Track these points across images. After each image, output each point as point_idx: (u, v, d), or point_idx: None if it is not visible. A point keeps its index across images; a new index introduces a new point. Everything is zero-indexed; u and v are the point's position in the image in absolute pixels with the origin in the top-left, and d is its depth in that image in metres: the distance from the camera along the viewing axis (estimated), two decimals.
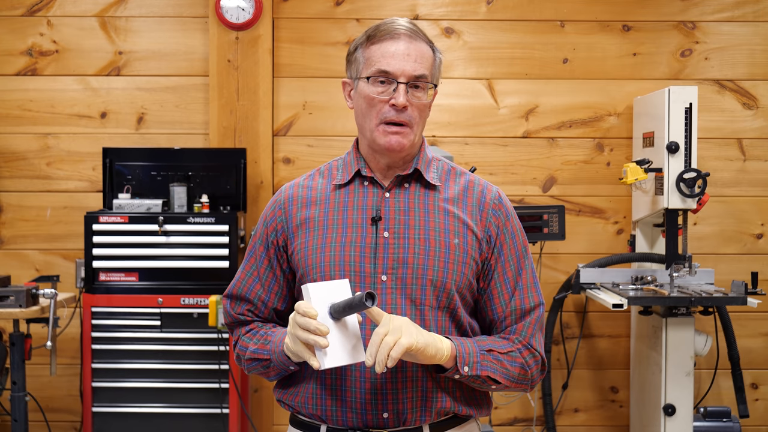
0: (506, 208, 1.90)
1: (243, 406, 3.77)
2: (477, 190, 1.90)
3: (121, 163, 3.98)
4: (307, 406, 1.85)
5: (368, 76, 1.83)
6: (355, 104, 1.90)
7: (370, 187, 1.89)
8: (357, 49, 1.89)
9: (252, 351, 1.89)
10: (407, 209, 1.85)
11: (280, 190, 1.97)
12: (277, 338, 1.83)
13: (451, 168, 1.94)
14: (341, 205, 1.88)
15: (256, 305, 1.94)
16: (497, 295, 1.87)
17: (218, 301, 3.43)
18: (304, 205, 1.90)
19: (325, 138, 4.21)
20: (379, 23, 1.87)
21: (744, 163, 4.23)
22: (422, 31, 1.86)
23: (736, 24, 4.22)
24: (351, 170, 1.92)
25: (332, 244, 1.83)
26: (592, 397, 4.28)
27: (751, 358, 4.21)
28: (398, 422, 1.80)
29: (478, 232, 1.85)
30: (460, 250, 1.83)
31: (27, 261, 4.23)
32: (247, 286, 1.94)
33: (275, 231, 1.91)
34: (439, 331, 1.81)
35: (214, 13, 4.11)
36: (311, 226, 1.87)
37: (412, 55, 1.82)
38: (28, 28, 4.20)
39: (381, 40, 1.84)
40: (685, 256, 3.67)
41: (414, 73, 1.81)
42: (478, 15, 4.20)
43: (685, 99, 3.67)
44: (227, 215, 3.78)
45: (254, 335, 1.91)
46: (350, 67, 1.92)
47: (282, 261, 1.91)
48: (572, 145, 4.24)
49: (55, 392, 4.22)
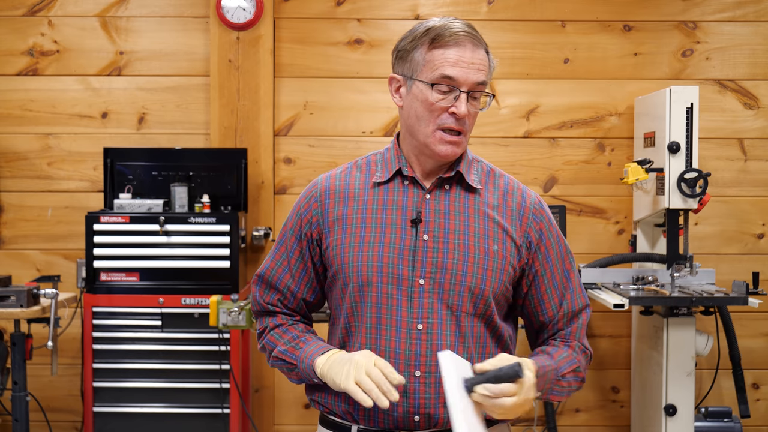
0: (547, 213, 1.90)
1: (244, 406, 3.77)
2: (517, 195, 1.88)
3: (122, 163, 3.98)
4: (339, 405, 1.84)
5: (432, 83, 1.79)
6: (407, 104, 1.85)
7: (410, 187, 1.85)
8: (416, 49, 1.82)
9: (280, 351, 1.89)
10: (447, 212, 1.83)
11: (315, 181, 1.94)
12: (310, 351, 1.83)
13: (490, 169, 1.92)
14: (380, 203, 1.85)
15: (285, 295, 1.93)
16: (548, 300, 1.88)
17: (219, 301, 3.43)
18: (342, 200, 1.87)
19: (326, 138, 4.21)
20: (439, 24, 1.82)
21: (745, 163, 4.22)
22: (482, 37, 1.84)
23: (737, 24, 4.21)
24: (391, 168, 1.87)
25: (370, 244, 1.81)
26: (593, 397, 4.28)
27: (752, 358, 4.21)
28: (429, 425, 1.80)
29: (517, 238, 1.84)
30: (499, 257, 1.81)
31: (28, 261, 4.23)
32: (277, 275, 1.93)
33: (309, 223, 1.89)
34: (474, 338, 1.81)
35: (215, 13, 4.11)
36: (348, 223, 1.85)
37: (476, 63, 1.80)
38: (29, 28, 4.21)
39: (446, 44, 1.79)
40: (686, 256, 3.67)
41: (477, 80, 1.79)
42: (479, 15, 4.20)
43: (686, 99, 3.67)
44: (228, 215, 3.78)
45: (284, 334, 1.91)
46: (403, 64, 1.85)
47: (314, 254, 1.90)
48: (573, 145, 4.24)
49: (56, 392, 4.22)
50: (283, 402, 4.24)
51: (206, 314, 3.70)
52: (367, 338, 1.81)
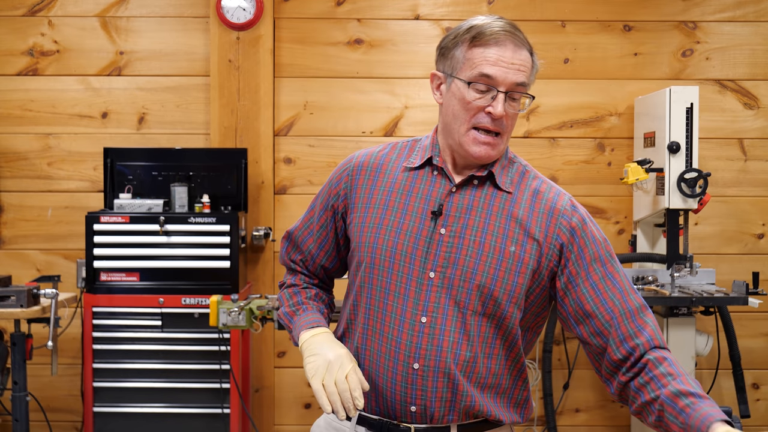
0: (580, 214, 1.82)
1: (244, 406, 3.77)
2: (547, 197, 1.83)
3: (122, 163, 3.98)
4: None
5: (469, 81, 1.77)
6: (446, 102, 1.83)
7: (438, 177, 1.84)
8: (457, 46, 1.81)
9: (283, 311, 1.98)
10: (470, 208, 1.81)
11: (353, 155, 1.96)
12: (302, 322, 1.90)
13: (525, 171, 1.88)
14: (406, 189, 1.85)
15: (306, 258, 2.00)
16: (586, 301, 1.76)
17: (219, 301, 3.43)
18: (372, 179, 1.89)
19: (326, 138, 4.21)
20: (482, 23, 1.80)
21: (745, 163, 4.23)
22: (525, 38, 1.81)
23: (737, 24, 4.21)
24: (424, 155, 1.87)
25: (388, 227, 1.82)
26: (593, 397, 4.28)
27: (752, 358, 4.21)
28: (425, 417, 1.80)
29: (542, 240, 1.79)
30: (515, 258, 1.77)
31: (28, 261, 4.23)
32: (302, 238, 2.00)
33: (337, 196, 1.92)
34: (480, 338, 1.78)
35: (215, 13, 4.11)
36: (373, 203, 1.86)
37: (516, 63, 1.76)
38: (30, 28, 4.21)
39: (486, 43, 1.77)
40: (686, 256, 3.67)
41: (516, 81, 1.76)
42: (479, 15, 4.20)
43: (686, 99, 3.67)
44: (228, 215, 3.78)
45: (294, 296, 1.99)
46: (444, 61, 1.84)
47: (338, 226, 1.94)
48: (573, 145, 4.24)
49: (56, 392, 4.22)
50: (283, 402, 4.24)
51: (206, 314, 3.70)
52: (372, 322, 1.83)
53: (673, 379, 1.66)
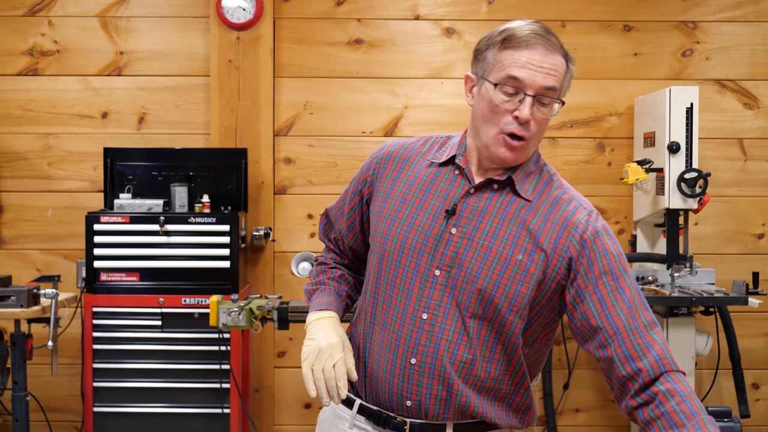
0: (595, 228, 1.76)
1: (244, 406, 3.77)
2: (565, 209, 1.79)
3: (122, 163, 3.98)
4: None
5: (497, 83, 1.75)
6: (476, 104, 1.83)
7: (459, 177, 1.84)
8: (489, 48, 1.80)
9: (306, 288, 2.03)
10: (484, 212, 1.80)
11: (387, 143, 1.98)
12: (315, 303, 1.94)
13: (550, 180, 1.85)
14: (426, 185, 1.86)
15: (338, 237, 2.05)
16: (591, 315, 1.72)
17: (219, 301, 3.43)
18: (397, 170, 1.91)
19: (326, 138, 4.21)
20: (514, 26, 1.80)
21: (745, 163, 4.23)
22: (560, 41, 1.80)
23: (737, 24, 4.22)
24: (449, 153, 1.88)
25: (401, 221, 1.84)
26: (593, 397, 4.28)
27: (752, 358, 4.21)
28: (420, 413, 1.81)
29: (551, 251, 1.76)
30: (521, 267, 1.75)
31: (28, 261, 4.23)
32: (335, 217, 2.05)
33: (365, 182, 1.96)
34: (480, 341, 1.78)
35: (215, 13, 4.11)
36: (393, 194, 1.88)
37: (546, 66, 1.75)
38: (30, 28, 4.21)
39: (517, 46, 1.76)
40: (686, 256, 3.67)
41: (545, 85, 1.74)
42: (479, 15, 4.20)
43: (686, 99, 3.67)
44: (228, 215, 3.78)
45: (320, 274, 2.03)
46: (477, 63, 1.84)
47: (363, 210, 1.97)
48: (573, 145, 4.24)
49: (56, 392, 4.22)
50: (283, 402, 4.24)
51: (206, 314, 3.70)
52: (378, 311, 1.86)
53: (688, 421, 1.69)
